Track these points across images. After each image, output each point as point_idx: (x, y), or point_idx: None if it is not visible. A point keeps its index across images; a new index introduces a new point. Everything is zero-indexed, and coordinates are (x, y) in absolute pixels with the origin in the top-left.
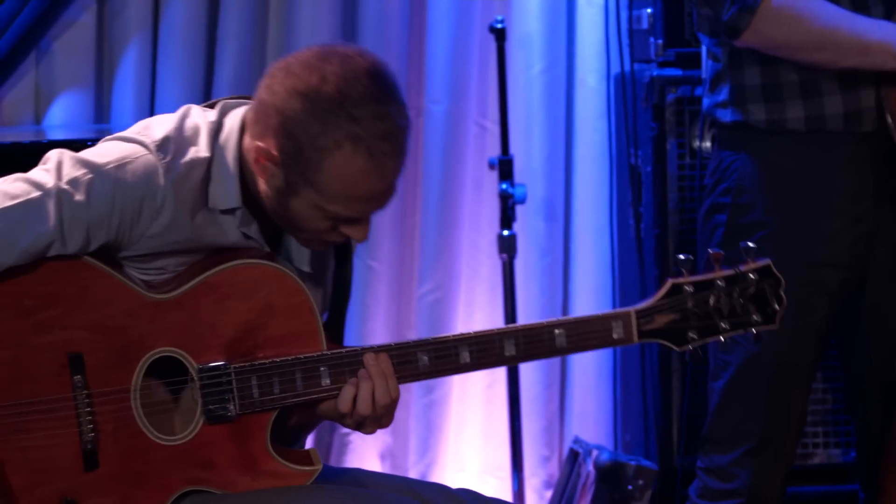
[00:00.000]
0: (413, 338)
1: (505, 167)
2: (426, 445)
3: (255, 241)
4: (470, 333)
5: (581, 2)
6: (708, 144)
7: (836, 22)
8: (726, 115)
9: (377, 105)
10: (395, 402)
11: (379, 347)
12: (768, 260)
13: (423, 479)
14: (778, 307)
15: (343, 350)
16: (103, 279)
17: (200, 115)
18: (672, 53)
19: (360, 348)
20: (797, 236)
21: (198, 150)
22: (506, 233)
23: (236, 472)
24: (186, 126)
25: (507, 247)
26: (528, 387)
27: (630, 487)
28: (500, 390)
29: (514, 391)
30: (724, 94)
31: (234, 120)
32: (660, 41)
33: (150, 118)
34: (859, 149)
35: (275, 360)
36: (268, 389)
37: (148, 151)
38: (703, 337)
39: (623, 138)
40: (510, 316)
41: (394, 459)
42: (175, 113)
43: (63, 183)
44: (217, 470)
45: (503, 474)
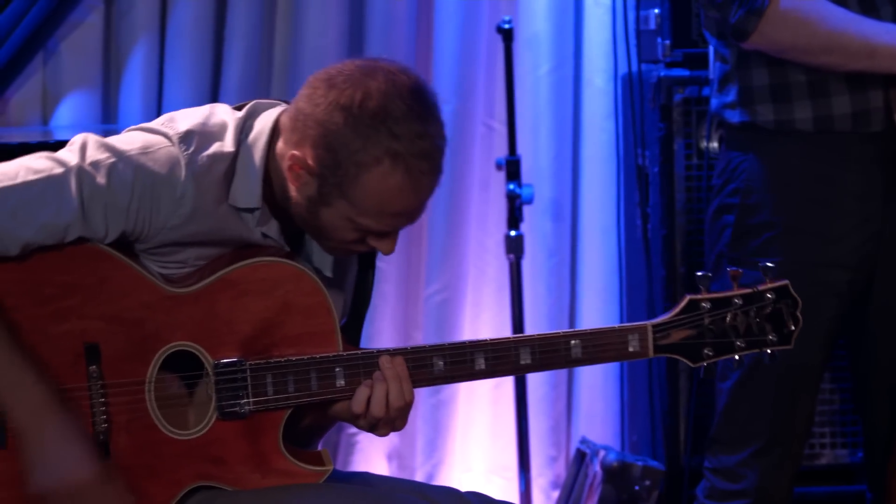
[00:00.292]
0: (420, 338)
1: (512, 167)
2: (433, 446)
3: (273, 240)
4: (486, 340)
5: (588, 2)
6: (715, 145)
7: (843, 25)
8: (734, 116)
9: (418, 123)
10: (409, 405)
11: (395, 350)
12: (786, 280)
13: (430, 479)
14: (794, 328)
15: (359, 352)
16: (123, 271)
17: (228, 112)
18: (679, 54)
19: (375, 350)
20: (805, 237)
21: (222, 145)
22: (513, 233)
23: (247, 470)
24: (212, 121)
25: (515, 247)
26: (534, 387)
27: (637, 488)
28: (507, 390)
29: (521, 391)
30: (732, 94)
31: (265, 122)
32: (667, 41)
33: (175, 111)
34: (867, 149)
35: (290, 358)
36: (282, 388)
37: (171, 143)
38: (718, 354)
39: (630, 139)
40: (517, 316)
41: (401, 460)
42: (200, 108)
43: (86, 163)
44: (228, 466)
45: (510, 474)
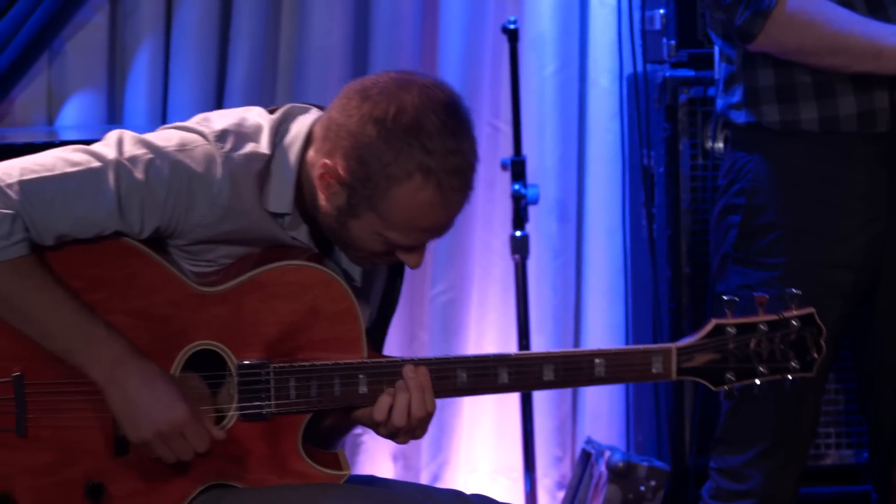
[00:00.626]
0: (425, 338)
1: (517, 168)
2: (438, 446)
3: (303, 243)
4: (511, 355)
5: (594, 2)
6: (720, 145)
7: (849, 26)
8: (740, 117)
9: (451, 139)
10: (430, 415)
11: (419, 361)
12: (812, 308)
13: (435, 479)
14: (817, 356)
15: (383, 360)
16: (152, 267)
17: (263, 115)
18: (685, 54)
19: (400, 359)
20: (811, 237)
21: (258, 147)
22: (518, 233)
23: (264, 471)
24: (247, 122)
25: (520, 247)
26: None
27: (642, 488)
28: None
29: (526, 392)
30: (737, 95)
31: (300, 127)
32: (672, 42)
33: (210, 112)
34: (873, 150)
35: (314, 363)
36: (305, 392)
37: (207, 141)
38: (741, 379)
39: (636, 139)
40: (523, 317)
41: (406, 460)
42: (234, 109)
43: (124, 158)
44: (245, 466)
45: (515, 475)
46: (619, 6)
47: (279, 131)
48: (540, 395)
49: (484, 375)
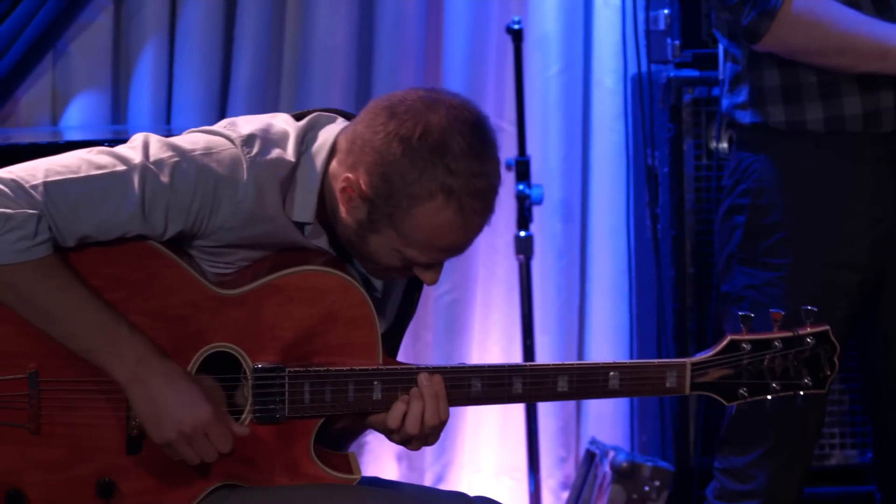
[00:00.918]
0: (430, 338)
1: (522, 168)
2: (443, 447)
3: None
4: (525, 365)
5: (598, 3)
6: (725, 145)
7: (855, 27)
8: (745, 117)
9: (476, 162)
10: (443, 423)
11: (434, 369)
12: (827, 326)
13: (439, 480)
14: (829, 373)
15: (398, 367)
16: (171, 268)
17: (289, 122)
18: (689, 54)
19: (415, 367)
20: (816, 237)
21: (283, 153)
22: (522, 234)
23: (276, 473)
24: (274, 129)
25: (524, 248)
26: None
27: (647, 488)
28: None
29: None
30: (743, 95)
31: (327, 136)
32: (677, 42)
33: (236, 117)
34: (878, 150)
35: (329, 368)
36: (319, 397)
37: (233, 145)
38: (753, 395)
39: (640, 139)
40: (527, 317)
41: (410, 461)
42: (261, 115)
43: (150, 161)
44: (257, 468)
45: (519, 475)
46: (624, 6)
47: (305, 139)
48: None
49: (498, 385)
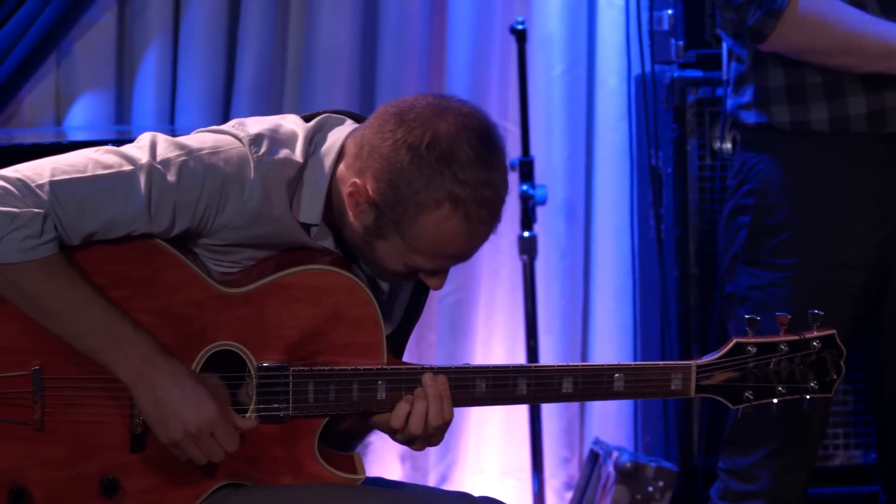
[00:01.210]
0: (433, 339)
1: (525, 168)
2: (446, 447)
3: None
4: (530, 366)
5: (602, 3)
6: (729, 146)
7: (861, 26)
8: (750, 117)
9: (484, 171)
10: (447, 424)
11: (439, 369)
12: (833, 330)
13: (443, 480)
14: (836, 377)
15: (402, 367)
16: (175, 266)
17: (298, 123)
18: (693, 55)
19: (419, 367)
20: (821, 238)
21: (291, 154)
22: (526, 234)
23: (279, 472)
24: (282, 129)
25: (528, 248)
26: None
27: (650, 489)
28: None
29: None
30: (748, 95)
31: (335, 139)
32: (680, 42)
33: (245, 118)
34: (883, 150)
35: (334, 367)
36: (323, 396)
37: (241, 144)
38: (759, 398)
39: (644, 139)
40: (531, 317)
41: (414, 461)
42: (270, 116)
43: (156, 161)
44: (261, 467)
45: (523, 475)
46: (627, 7)
47: (313, 141)
48: None
49: (503, 386)
